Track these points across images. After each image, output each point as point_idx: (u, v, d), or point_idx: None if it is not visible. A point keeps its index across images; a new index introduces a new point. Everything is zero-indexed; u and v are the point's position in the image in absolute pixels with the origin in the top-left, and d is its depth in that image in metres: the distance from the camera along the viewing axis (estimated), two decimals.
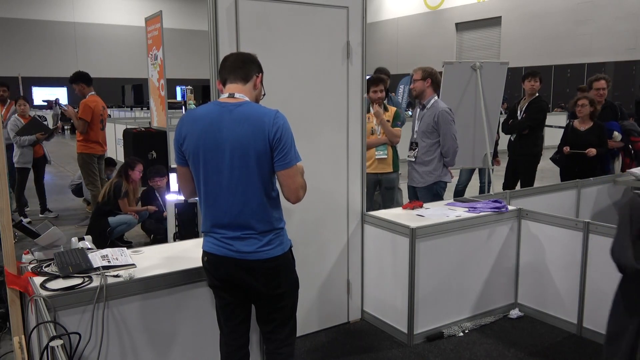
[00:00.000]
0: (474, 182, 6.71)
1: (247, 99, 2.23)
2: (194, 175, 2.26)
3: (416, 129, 4.40)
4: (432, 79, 4.27)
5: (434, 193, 4.31)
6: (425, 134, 4.28)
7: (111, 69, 24.26)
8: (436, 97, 4.34)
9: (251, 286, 2.28)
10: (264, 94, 2.42)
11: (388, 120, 4.65)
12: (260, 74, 2.34)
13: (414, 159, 4.37)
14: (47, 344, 1.87)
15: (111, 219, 5.50)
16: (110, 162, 7.33)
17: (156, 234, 5.75)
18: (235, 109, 2.16)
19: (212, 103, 2.28)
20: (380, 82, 4.63)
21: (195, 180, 2.27)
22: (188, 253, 2.83)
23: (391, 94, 5.75)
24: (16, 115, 6.92)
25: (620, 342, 2.07)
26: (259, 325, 2.46)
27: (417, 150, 4.35)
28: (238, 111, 2.15)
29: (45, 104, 19.98)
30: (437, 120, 4.18)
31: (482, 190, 6.47)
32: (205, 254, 2.31)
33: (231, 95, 2.22)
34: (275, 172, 2.20)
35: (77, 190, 7.48)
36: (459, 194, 6.28)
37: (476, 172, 6.55)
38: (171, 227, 4.78)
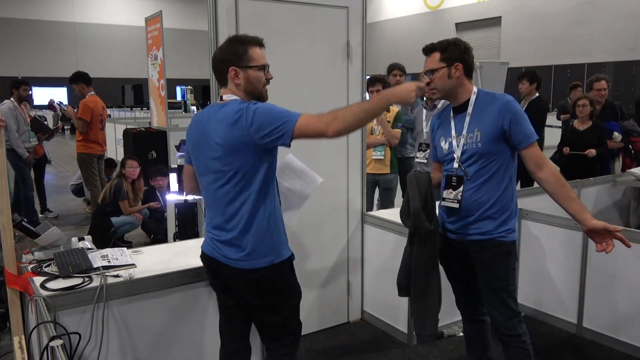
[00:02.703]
0: None
1: (234, 97, 2.16)
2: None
3: (426, 129, 4.26)
4: None
5: None
6: None
7: (111, 69, 24.23)
8: None
9: (238, 293, 2.25)
10: (267, 79, 2.21)
11: (389, 121, 4.62)
12: (232, 66, 2.12)
13: (425, 161, 4.18)
14: (47, 344, 1.87)
15: (114, 219, 5.50)
16: (110, 163, 7.33)
17: (156, 234, 5.75)
18: (219, 109, 2.14)
19: (210, 105, 2.30)
20: (378, 82, 4.58)
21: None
22: (188, 253, 2.83)
23: None
24: None
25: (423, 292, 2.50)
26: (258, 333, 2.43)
27: (428, 151, 4.16)
28: (221, 112, 2.13)
29: (48, 105, 20.01)
30: None
31: None
32: (201, 251, 2.34)
33: (221, 98, 2.23)
34: (288, 147, 2.06)
35: (77, 190, 7.48)
36: None
37: None
38: (171, 227, 4.78)
